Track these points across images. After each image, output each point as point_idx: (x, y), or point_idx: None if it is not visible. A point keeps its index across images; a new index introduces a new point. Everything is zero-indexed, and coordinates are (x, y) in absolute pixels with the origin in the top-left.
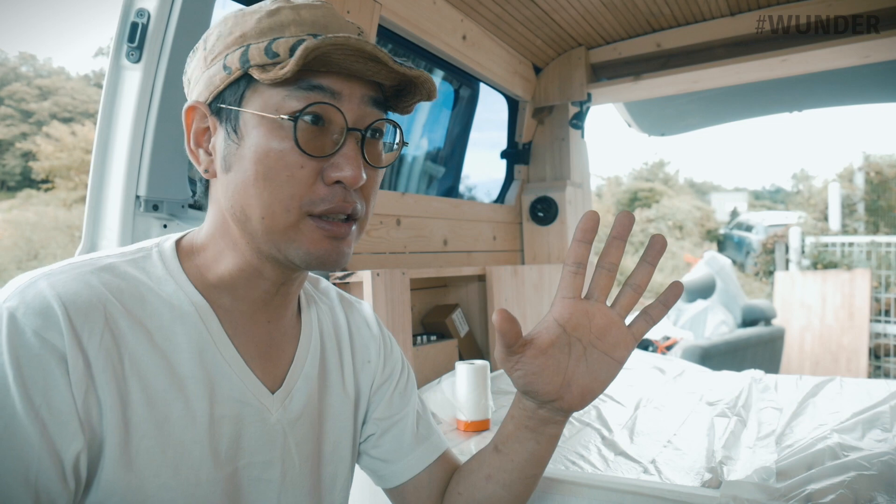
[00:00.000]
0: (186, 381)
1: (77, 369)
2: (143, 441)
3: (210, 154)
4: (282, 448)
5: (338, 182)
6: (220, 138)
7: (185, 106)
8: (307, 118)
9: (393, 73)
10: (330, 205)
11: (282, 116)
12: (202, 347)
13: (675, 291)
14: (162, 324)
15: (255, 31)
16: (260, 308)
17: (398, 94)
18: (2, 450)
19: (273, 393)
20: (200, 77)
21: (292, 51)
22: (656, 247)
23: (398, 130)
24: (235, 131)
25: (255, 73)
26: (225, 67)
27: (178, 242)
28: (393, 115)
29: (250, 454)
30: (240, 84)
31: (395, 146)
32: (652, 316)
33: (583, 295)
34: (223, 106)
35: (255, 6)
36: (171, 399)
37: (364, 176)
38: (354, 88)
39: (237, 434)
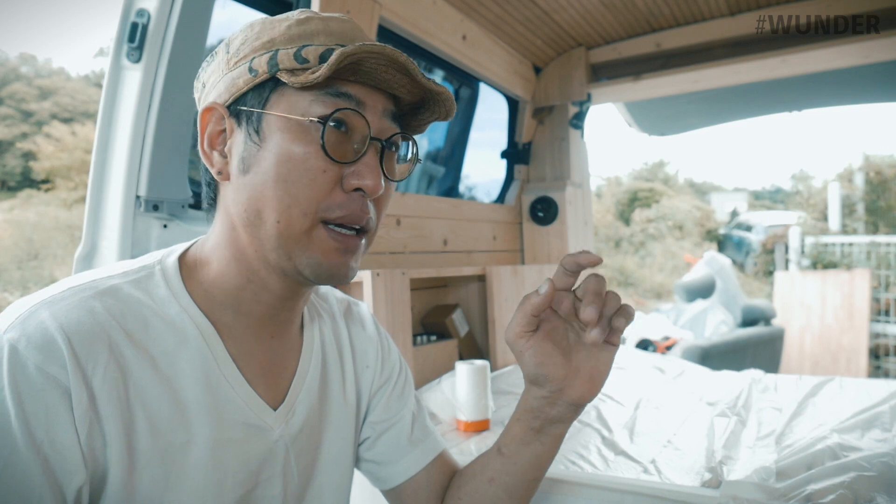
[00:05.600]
0: (190, 407)
1: (81, 403)
2: (146, 470)
3: (225, 156)
4: (283, 463)
5: (357, 190)
6: (237, 140)
7: (202, 107)
8: (332, 123)
9: (417, 87)
10: (346, 211)
11: (311, 119)
12: (206, 372)
13: (627, 312)
14: (166, 349)
15: (284, 37)
16: (264, 324)
17: (413, 111)
18: (4, 485)
19: (275, 409)
20: (220, 80)
21: (322, 58)
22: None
23: (415, 146)
24: (258, 133)
25: (284, 77)
26: (251, 70)
27: (182, 256)
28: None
29: (254, 476)
30: (265, 87)
31: (409, 162)
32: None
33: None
34: (244, 108)
35: (284, 15)
36: (174, 427)
37: (383, 186)
38: (377, 100)
39: (241, 457)
